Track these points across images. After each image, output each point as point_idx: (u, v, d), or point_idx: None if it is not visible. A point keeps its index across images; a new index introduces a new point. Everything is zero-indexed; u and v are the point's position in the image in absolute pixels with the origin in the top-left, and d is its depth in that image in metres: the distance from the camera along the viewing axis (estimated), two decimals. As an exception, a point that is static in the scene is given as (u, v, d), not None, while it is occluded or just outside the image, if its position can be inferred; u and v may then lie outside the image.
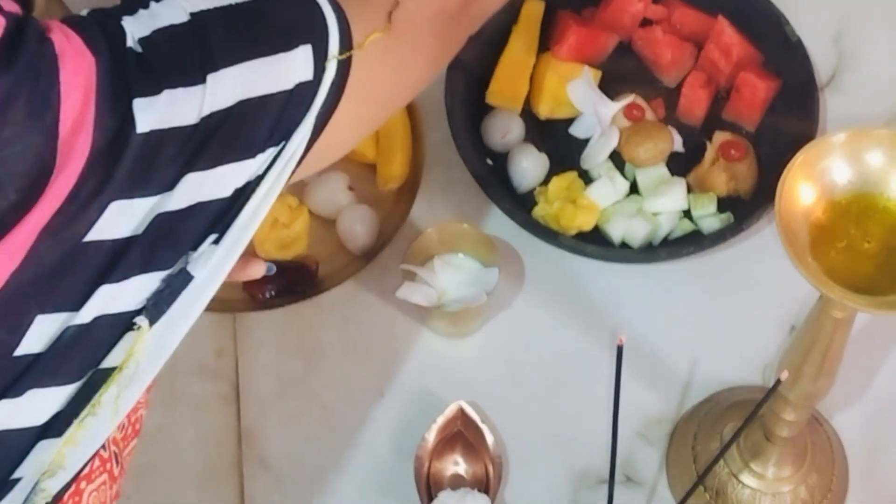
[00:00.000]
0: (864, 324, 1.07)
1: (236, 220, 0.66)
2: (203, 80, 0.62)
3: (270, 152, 0.67)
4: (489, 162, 1.15)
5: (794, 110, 1.15)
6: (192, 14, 0.63)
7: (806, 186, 0.79)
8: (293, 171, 0.69)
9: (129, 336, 0.63)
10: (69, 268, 0.60)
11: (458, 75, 1.16)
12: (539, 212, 1.12)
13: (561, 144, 1.16)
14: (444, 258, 1.09)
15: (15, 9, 0.59)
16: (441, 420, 1.04)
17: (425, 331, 1.10)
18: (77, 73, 0.58)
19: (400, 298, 1.07)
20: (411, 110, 1.19)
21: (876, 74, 1.22)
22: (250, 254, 0.77)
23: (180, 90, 0.61)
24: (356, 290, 1.11)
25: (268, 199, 0.68)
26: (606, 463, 1.00)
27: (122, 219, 0.60)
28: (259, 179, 0.67)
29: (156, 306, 0.63)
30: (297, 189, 1.13)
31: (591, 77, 1.17)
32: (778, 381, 0.88)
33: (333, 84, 0.69)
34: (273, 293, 1.08)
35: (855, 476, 1.05)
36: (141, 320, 0.63)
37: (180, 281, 0.64)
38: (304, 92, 0.68)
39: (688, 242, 1.10)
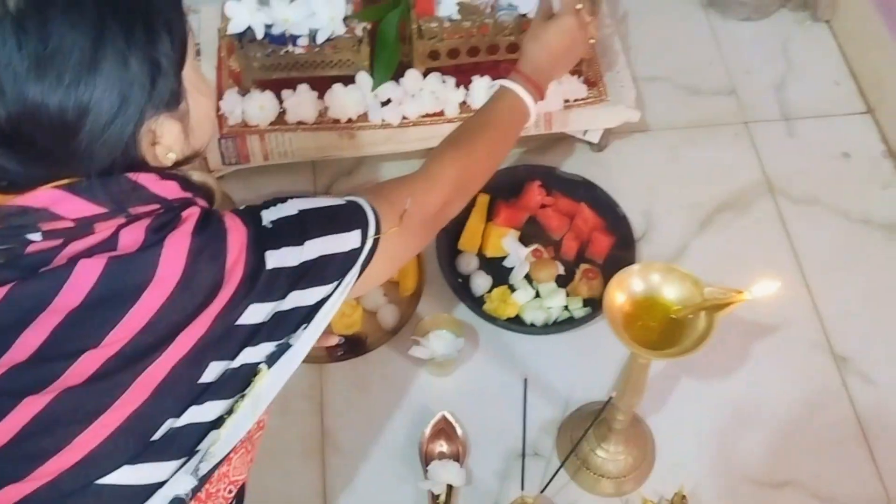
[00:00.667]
0: (664, 366, 1.09)
1: (316, 318, 0.67)
2: (302, 244, 0.66)
3: (335, 283, 0.69)
4: (460, 280, 1.16)
5: (623, 252, 1.17)
6: (299, 210, 0.68)
7: (620, 293, 0.82)
8: (347, 295, 0.71)
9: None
10: (229, 337, 0.61)
11: (443, 235, 1.16)
12: (487, 307, 1.13)
13: (499, 271, 1.17)
14: (435, 332, 1.09)
15: (205, 204, 0.65)
16: (433, 421, 1.05)
17: (425, 373, 1.11)
18: (237, 236, 0.62)
19: (411, 355, 1.08)
20: (418, 254, 1.16)
21: (667, 233, 1.22)
22: (328, 331, 0.78)
23: (290, 248, 0.65)
24: (388, 350, 1.11)
25: (333, 309, 0.69)
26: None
27: (256, 314, 0.62)
28: (327, 297, 0.68)
29: (271, 359, 0.64)
30: (356, 297, 1.11)
31: (514, 235, 1.18)
32: (610, 398, 0.92)
33: (370, 250, 0.72)
34: (342, 353, 1.10)
35: (659, 453, 1.05)
36: (262, 366, 0.64)
37: (284, 347, 0.65)
38: (355, 254, 0.70)
39: (566, 323, 1.12)
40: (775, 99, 1.36)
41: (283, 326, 0.65)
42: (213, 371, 0.60)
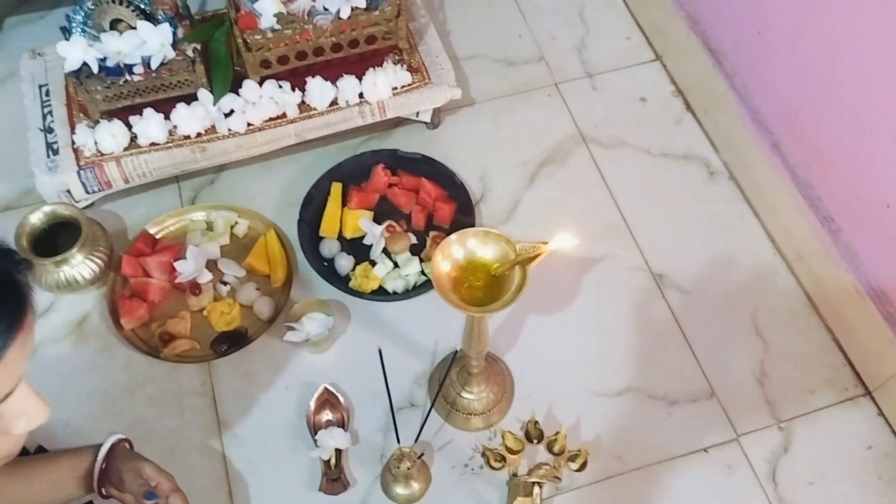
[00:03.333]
0: (511, 309, 1.06)
1: None
2: None
3: None
4: (325, 264, 1.11)
5: (465, 216, 1.14)
6: None
7: (444, 262, 0.78)
8: None
9: None
10: None
11: (304, 225, 1.12)
12: (352, 284, 1.09)
13: (359, 250, 1.12)
14: (307, 316, 1.04)
15: None
16: (316, 394, 1.01)
17: (305, 353, 1.05)
18: None
19: (285, 340, 1.04)
20: (283, 243, 1.11)
21: (502, 192, 1.18)
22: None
23: None
24: (268, 339, 1.05)
25: None
26: (399, 399, 1.01)
27: None
28: None
29: None
30: (232, 294, 1.08)
31: (369, 216, 1.14)
32: (456, 351, 0.90)
33: None
34: (226, 348, 1.04)
35: (517, 384, 1.03)
36: None
37: None
38: None
39: (424, 286, 1.08)
40: (578, 59, 1.34)
41: None
42: None
